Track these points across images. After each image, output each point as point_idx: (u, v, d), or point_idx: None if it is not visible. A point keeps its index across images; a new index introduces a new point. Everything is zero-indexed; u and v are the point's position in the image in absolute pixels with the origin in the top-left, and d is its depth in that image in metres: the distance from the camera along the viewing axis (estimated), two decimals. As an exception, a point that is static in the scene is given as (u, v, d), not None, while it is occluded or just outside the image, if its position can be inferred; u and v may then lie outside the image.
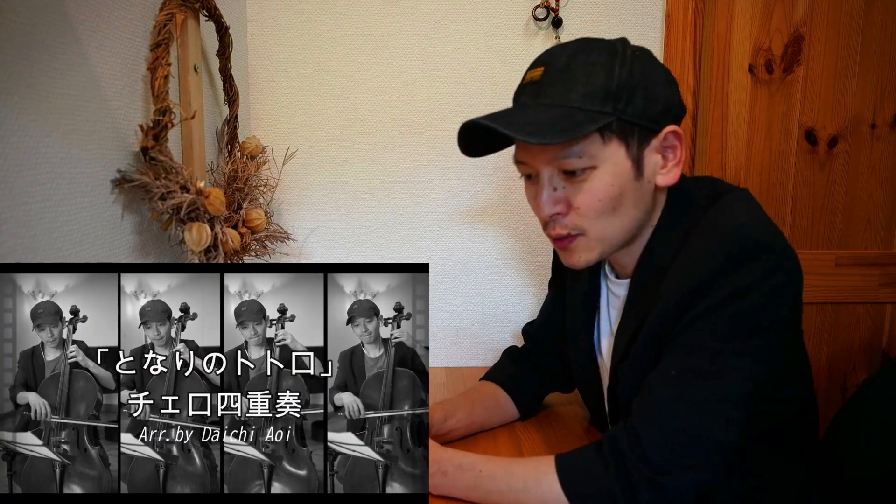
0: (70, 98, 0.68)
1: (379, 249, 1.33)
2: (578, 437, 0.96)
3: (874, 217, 1.35)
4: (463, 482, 0.75)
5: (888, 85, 1.31)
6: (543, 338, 1.03)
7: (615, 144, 0.71)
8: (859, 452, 0.89)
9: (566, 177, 0.73)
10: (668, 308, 0.71)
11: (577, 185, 0.73)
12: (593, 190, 0.72)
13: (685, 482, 0.67)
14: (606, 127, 0.70)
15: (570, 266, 0.79)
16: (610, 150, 0.71)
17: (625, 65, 0.71)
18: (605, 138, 0.71)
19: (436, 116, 1.28)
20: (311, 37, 1.27)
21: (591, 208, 0.73)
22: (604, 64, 0.71)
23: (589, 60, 0.72)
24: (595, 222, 0.74)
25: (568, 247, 0.77)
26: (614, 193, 0.72)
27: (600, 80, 0.70)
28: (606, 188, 0.72)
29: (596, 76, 0.70)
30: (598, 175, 0.72)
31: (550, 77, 0.73)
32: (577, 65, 0.72)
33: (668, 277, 0.73)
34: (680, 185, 0.78)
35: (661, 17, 1.26)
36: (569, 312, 0.93)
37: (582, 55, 0.72)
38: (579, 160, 0.71)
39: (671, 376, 0.70)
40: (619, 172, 0.72)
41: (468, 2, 1.25)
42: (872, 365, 1.40)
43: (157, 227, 0.87)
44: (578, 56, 0.72)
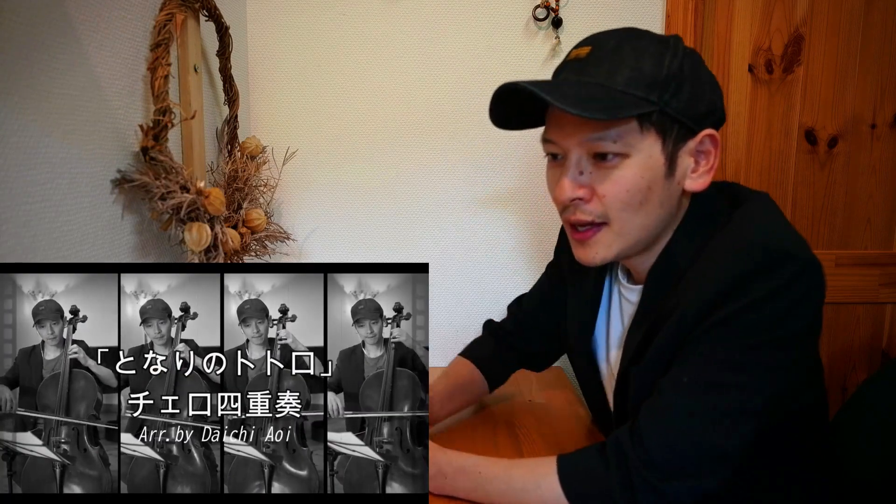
0: (70, 98, 0.68)
1: (379, 249, 1.33)
2: (579, 438, 0.96)
3: (874, 217, 1.35)
4: (463, 484, 0.74)
5: (888, 85, 1.31)
6: (529, 321, 1.03)
7: (652, 137, 0.69)
8: (859, 452, 0.89)
9: (595, 161, 0.71)
10: (686, 315, 0.69)
11: (605, 171, 0.70)
12: (622, 179, 0.70)
13: (686, 490, 0.66)
14: (647, 116, 0.68)
15: (584, 262, 0.76)
16: (646, 141, 0.69)
17: (676, 57, 0.69)
18: (644, 128, 0.69)
19: (436, 116, 1.28)
20: (311, 37, 1.27)
21: (616, 198, 0.70)
22: (654, 53, 0.69)
23: (639, 46, 0.70)
24: (619, 214, 0.71)
25: (589, 240, 0.74)
26: (643, 186, 0.70)
27: (649, 67, 0.68)
28: (636, 179, 0.70)
29: (645, 62, 0.69)
30: (630, 164, 0.69)
31: (597, 57, 0.71)
32: (627, 48, 0.70)
33: (685, 283, 0.71)
34: (704, 191, 0.75)
35: (661, 17, 1.26)
36: (570, 313, 0.93)
37: (633, 40, 0.71)
38: (613, 144, 0.69)
39: (683, 383, 0.68)
40: (652, 166, 0.70)
41: (468, 2, 1.25)
42: (872, 365, 1.40)
43: (157, 227, 0.87)
44: (629, 40, 0.71)
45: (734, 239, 0.69)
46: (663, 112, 0.68)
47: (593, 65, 0.70)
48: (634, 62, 0.69)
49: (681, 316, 0.69)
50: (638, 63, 0.69)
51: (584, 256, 0.76)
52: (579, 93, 0.68)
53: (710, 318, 0.67)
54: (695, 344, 0.68)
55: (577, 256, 0.77)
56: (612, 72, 0.69)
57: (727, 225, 0.71)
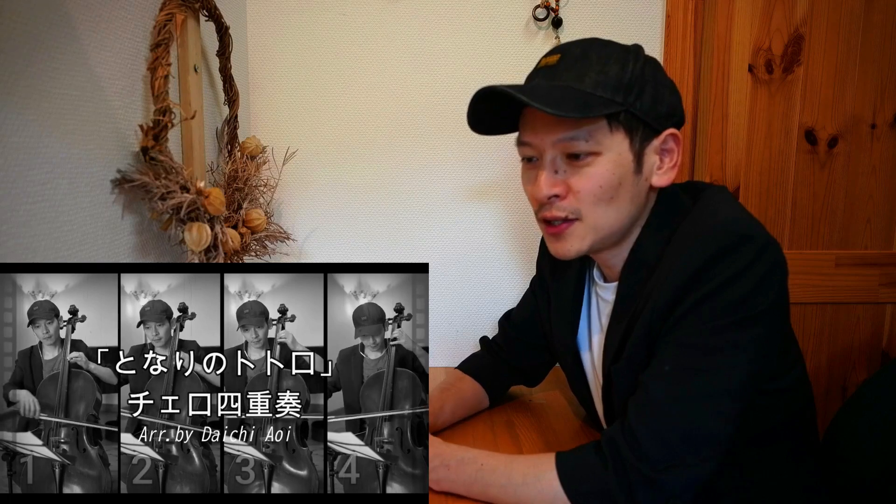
0: (70, 98, 0.68)
1: (379, 249, 1.33)
2: (577, 437, 0.96)
3: (874, 217, 1.35)
4: (464, 476, 0.75)
5: (888, 85, 1.31)
6: (515, 337, 1.06)
7: (621, 135, 0.74)
8: (859, 452, 0.89)
9: (569, 160, 0.75)
10: (657, 306, 0.72)
11: (579, 169, 0.75)
12: (595, 175, 0.74)
13: (683, 479, 0.67)
14: (615, 116, 0.73)
15: (559, 256, 0.80)
16: (615, 139, 0.74)
17: (637, 62, 0.75)
18: (612, 127, 0.73)
19: (436, 117, 1.28)
20: (311, 37, 1.27)
21: (590, 193, 0.74)
22: (618, 59, 0.74)
23: (604, 53, 0.75)
24: (592, 209, 0.75)
25: (563, 233, 0.77)
26: (614, 182, 0.74)
27: (614, 71, 0.73)
28: (608, 175, 0.74)
29: (610, 67, 0.74)
30: (602, 161, 0.74)
31: (566, 63, 0.75)
32: (593, 55, 0.75)
33: (655, 276, 0.75)
34: (668, 188, 0.80)
35: (661, 17, 1.26)
36: (554, 318, 0.95)
37: (598, 47, 0.76)
38: (585, 143, 0.73)
39: (665, 372, 0.70)
40: (621, 163, 0.74)
41: (468, 2, 1.25)
42: (872, 365, 1.40)
43: (157, 227, 0.87)
44: (595, 48, 0.76)
45: (695, 228, 0.74)
46: (629, 112, 0.73)
47: (563, 70, 0.75)
48: (601, 67, 0.74)
49: (652, 309, 0.72)
50: (604, 68, 0.74)
51: (559, 249, 0.79)
52: (552, 94, 0.72)
53: (681, 307, 0.70)
54: (670, 333, 0.71)
55: (552, 251, 0.81)
56: (581, 76, 0.74)
57: (688, 217, 0.76)
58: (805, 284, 1.35)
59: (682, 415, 0.68)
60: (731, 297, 0.68)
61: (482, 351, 1.11)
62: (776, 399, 0.77)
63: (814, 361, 1.39)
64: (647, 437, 0.68)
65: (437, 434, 0.94)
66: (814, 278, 1.35)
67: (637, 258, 0.79)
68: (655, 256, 0.77)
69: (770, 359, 0.73)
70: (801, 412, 0.83)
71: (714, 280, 0.68)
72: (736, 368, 0.68)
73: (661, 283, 0.72)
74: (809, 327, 1.38)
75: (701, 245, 0.70)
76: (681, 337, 0.70)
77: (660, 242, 0.77)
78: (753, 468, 0.78)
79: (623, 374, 0.77)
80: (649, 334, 0.73)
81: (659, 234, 0.78)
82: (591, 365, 0.91)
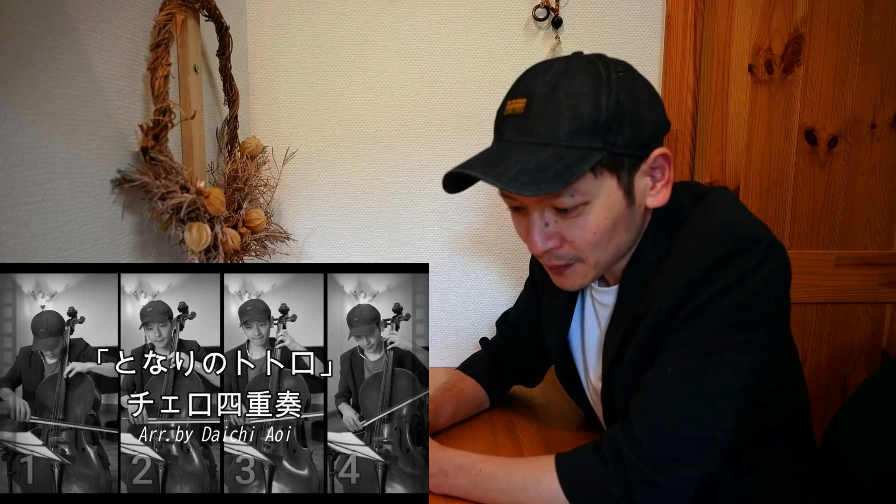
0: (70, 98, 0.68)
1: (379, 249, 1.33)
2: (577, 437, 0.96)
3: (874, 217, 1.35)
4: (463, 482, 0.75)
5: (888, 85, 1.31)
6: (512, 338, 1.06)
7: (606, 177, 0.70)
8: (859, 452, 0.89)
9: (558, 213, 0.73)
10: (662, 308, 0.71)
11: (570, 220, 0.72)
12: (587, 224, 0.72)
13: (683, 479, 0.67)
14: (597, 163, 0.68)
15: (563, 288, 0.80)
16: (602, 183, 0.70)
17: (611, 92, 0.68)
18: (597, 173, 0.70)
19: (436, 116, 1.28)
20: (311, 37, 1.27)
21: (585, 242, 0.73)
22: (589, 94, 0.68)
23: (572, 90, 0.68)
24: (592, 252, 0.74)
25: (564, 272, 0.77)
26: (608, 225, 0.72)
27: (587, 112, 0.68)
28: (600, 221, 0.72)
29: (582, 108, 0.68)
30: (592, 209, 0.71)
31: (534, 110, 0.70)
32: (561, 95, 0.68)
33: (658, 279, 0.74)
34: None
35: (661, 17, 1.25)
36: (546, 320, 0.95)
37: (565, 82, 0.69)
38: (571, 199, 0.70)
39: (667, 374, 0.70)
40: (612, 204, 0.72)
41: (468, 2, 1.25)
42: (872, 365, 1.40)
43: (157, 227, 0.87)
44: (561, 84, 0.69)
45: (700, 231, 0.72)
46: (611, 153, 0.69)
47: (533, 119, 0.69)
48: (573, 110, 0.68)
49: (657, 311, 0.72)
50: (576, 110, 0.68)
51: (563, 284, 0.80)
52: (527, 162, 0.67)
53: (685, 308, 0.70)
54: (674, 335, 0.71)
55: (556, 284, 0.81)
56: (554, 126, 0.68)
57: (691, 219, 0.74)
58: (805, 284, 1.35)
59: (683, 416, 0.68)
60: (736, 299, 0.68)
61: (482, 352, 1.11)
62: (776, 398, 0.77)
63: (814, 361, 1.39)
64: (647, 437, 0.68)
65: (437, 434, 0.94)
66: (814, 278, 1.35)
67: (638, 263, 0.79)
68: (657, 260, 0.76)
69: (771, 360, 0.73)
70: (800, 412, 0.83)
71: (720, 282, 0.68)
72: (738, 370, 0.68)
73: (665, 285, 0.72)
74: (809, 327, 1.38)
75: (706, 247, 0.70)
76: (684, 338, 0.70)
77: (661, 246, 0.76)
78: (753, 468, 0.78)
79: (625, 375, 0.76)
80: (653, 336, 0.73)
81: (659, 238, 0.77)
82: (584, 368, 0.91)
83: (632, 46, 1.26)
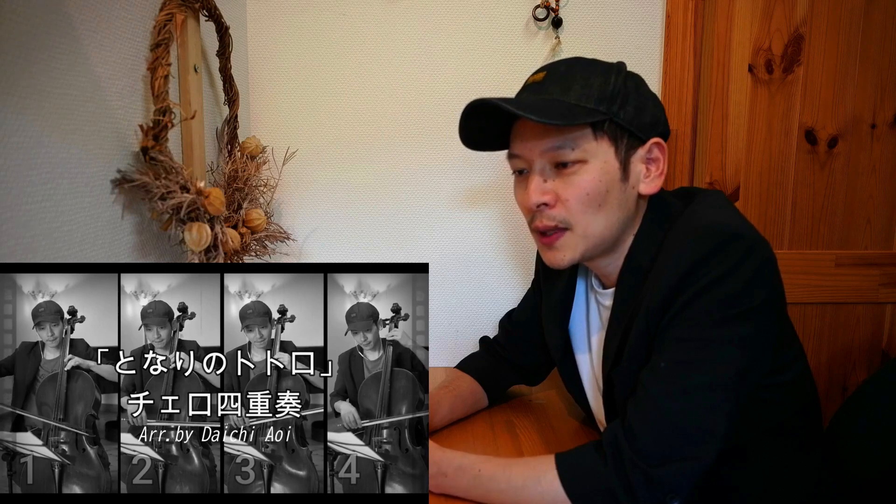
0: (70, 98, 0.68)
1: (379, 249, 1.33)
2: (577, 437, 0.96)
3: (874, 217, 1.35)
4: (463, 483, 0.76)
5: (888, 85, 1.31)
6: (517, 336, 1.07)
7: (606, 143, 0.76)
8: (859, 452, 0.89)
9: (557, 170, 0.77)
10: (652, 307, 0.73)
11: (566, 177, 0.77)
12: (582, 183, 0.76)
13: (680, 473, 0.68)
14: (599, 125, 0.76)
15: (552, 265, 0.82)
16: (601, 147, 0.76)
17: (620, 76, 0.78)
18: (598, 136, 0.76)
19: (436, 116, 1.28)
20: (311, 37, 1.27)
21: (578, 200, 0.76)
22: (601, 73, 0.78)
23: (588, 69, 0.78)
24: (581, 217, 0.77)
25: (555, 243, 0.79)
26: (602, 189, 0.76)
27: (597, 83, 0.76)
28: (595, 183, 0.76)
29: (593, 80, 0.77)
30: (588, 169, 0.76)
31: (552, 79, 0.79)
32: (577, 70, 0.78)
33: (650, 279, 0.76)
34: (658, 195, 0.82)
35: (661, 17, 1.26)
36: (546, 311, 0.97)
37: (583, 64, 0.79)
38: (572, 152, 0.76)
39: (661, 369, 0.72)
40: (608, 170, 0.76)
41: (468, 2, 1.25)
42: (872, 365, 1.40)
43: (157, 227, 0.87)
44: (579, 65, 0.79)
45: (686, 229, 0.75)
46: (613, 122, 0.76)
47: (549, 85, 0.78)
48: (585, 80, 0.77)
49: (647, 310, 0.74)
50: (587, 81, 0.77)
51: (552, 259, 0.81)
52: (538, 105, 0.75)
53: (674, 305, 0.71)
54: (666, 331, 0.72)
55: (546, 260, 0.83)
56: (566, 89, 0.77)
57: (680, 220, 0.78)
58: (805, 284, 1.35)
59: (676, 409, 0.69)
60: (721, 294, 0.69)
61: (482, 350, 1.11)
62: (783, 393, 0.78)
63: (814, 361, 1.39)
64: (643, 432, 0.69)
65: (436, 432, 0.95)
66: (814, 278, 1.35)
67: (632, 264, 0.81)
68: (649, 261, 0.78)
69: (766, 354, 0.74)
70: (808, 405, 0.84)
71: (704, 278, 0.70)
72: (727, 363, 0.69)
73: (654, 284, 0.74)
74: (809, 327, 1.38)
75: (691, 245, 0.72)
76: (675, 333, 0.72)
77: (652, 247, 0.79)
78: (765, 462, 0.79)
79: (624, 377, 0.77)
80: (646, 335, 0.75)
81: (651, 240, 0.80)
82: (589, 367, 0.92)
83: (632, 46, 1.26)
